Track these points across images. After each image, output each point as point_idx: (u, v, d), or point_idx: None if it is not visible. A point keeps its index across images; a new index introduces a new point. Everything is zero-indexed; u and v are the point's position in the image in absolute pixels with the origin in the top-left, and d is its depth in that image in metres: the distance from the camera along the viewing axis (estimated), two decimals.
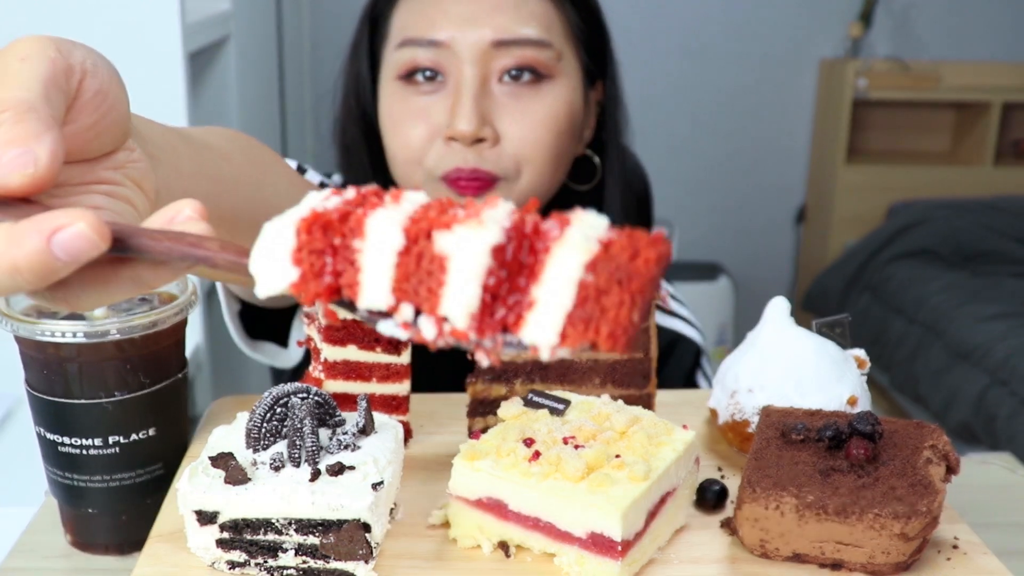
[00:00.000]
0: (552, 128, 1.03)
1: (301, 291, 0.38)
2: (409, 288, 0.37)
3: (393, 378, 0.78)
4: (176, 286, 0.75)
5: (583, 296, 0.36)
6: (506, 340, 0.38)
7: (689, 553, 0.67)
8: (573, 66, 1.07)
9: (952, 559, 0.65)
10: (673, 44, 3.55)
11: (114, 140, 0.50)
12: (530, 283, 0.36)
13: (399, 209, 0.38)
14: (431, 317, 0.37)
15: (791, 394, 0.76)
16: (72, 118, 0.47)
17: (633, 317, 0.35)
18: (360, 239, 0.37)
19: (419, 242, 0.37)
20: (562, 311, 0.36)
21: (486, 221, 0.36)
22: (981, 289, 3.06)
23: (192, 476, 0.64)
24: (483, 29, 1.00)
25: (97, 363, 0.69)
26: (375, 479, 0.63)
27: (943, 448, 0.68)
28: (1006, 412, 2.56)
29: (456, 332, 0.37)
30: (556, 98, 1.04)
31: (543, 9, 1.04)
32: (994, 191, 3.51)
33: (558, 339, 0.36)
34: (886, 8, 3.55)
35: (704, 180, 3.70)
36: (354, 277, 0.38)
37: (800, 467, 0.66)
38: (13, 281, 0.39)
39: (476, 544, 0.67)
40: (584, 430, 0.68)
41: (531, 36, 1.01)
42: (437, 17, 1.02)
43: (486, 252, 0.36)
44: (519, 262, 0.37)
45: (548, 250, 0.36)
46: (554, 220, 0.37)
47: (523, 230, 0.37)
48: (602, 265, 0.35)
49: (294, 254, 0.38)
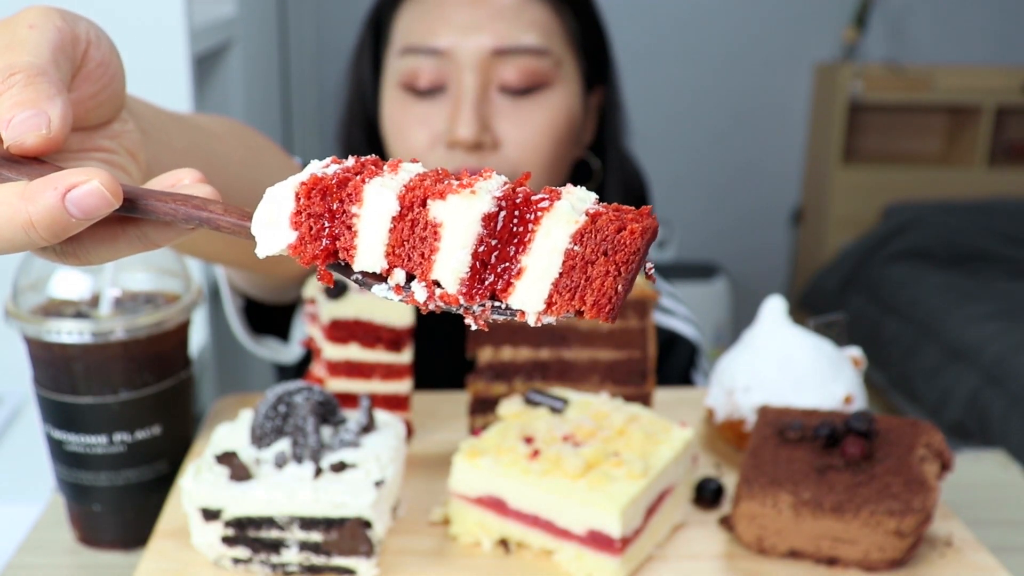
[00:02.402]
0: (551, 135, 1.04)
1: (299, 253, 0.40)
2: (403, 253, 0.39)
3: (395, 377, 0.79)
4: (181, 286, 0.75)
5: (569, 265, 0.37)
6: (494, 306, 0.39)
7: (687, 549, 0.67)
8: (572, 72, 1.07)
9: (946, 555, 0.66)
10: (669, 48, 3.56)
11: (112, 110, 0.52)
12: (519, 252, 0.38)
13: (396, 178, 0.40)
14: (423, 282, 0.39)
15: (787, 393, 0.77)
16: (76, 86, 0.48)
17: (618, 287, 0.37)
18: (357, 205, 0.39)
19: (414, 209, 0.38)
20: (549, 279, 0.38)
21: (479, 191, 0.38)
22: (974, 289, 3.07)
23: (197, 473, 0.65)
24: (483, 37, 1.01)
25: (103, 362, 0.69)
26: (377, 477, 0.64)
27: (937, 446, 0.69)
28: (999, 410, 2.57)
29: (446, 297, 0.39)
30: (555, 105, 1.04)
31: (543, 16, 1.04)
32: (987, 193, 3.53)
33: (544, 306, 0.38)
34: (880, 12, 3.56)
35: (701, 181, 3.71)
36: (350, 241, 0.40)
37: (796, 465, 0.67)
38: (28, 237, 0.41)
39: (476, 541, 0.67)
40: (583, 428, 0.68)
41: (531, 44, 1.02)
42: (437, 24, 1.03)
43: (477, 221, 0.38)
44: (509, 231, 0.38)
45: (537, 220, 0.38)
46: (545, 192, 0.39)
47: (514, 201, 0.38)
48: (589, 236, 0.37)
49: (293, 217, 0.40)
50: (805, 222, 3.76)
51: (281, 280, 1.00)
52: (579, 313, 0.38)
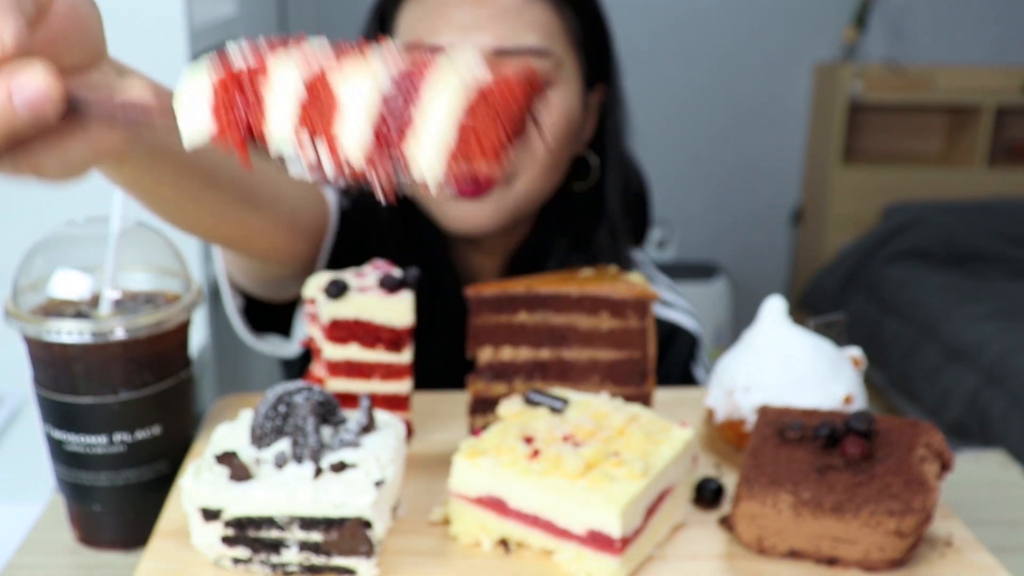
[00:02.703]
0: (549, 136, 1.04)
1: (222, 141, 0.44)
2: (310, 128, 0.43)
3: (394, 377, 0.79)
4: (181, 286, 0.75)
5: (464, 135, 0.41)
6: (399, 176, 0.43)
7: (687, 549, 0.67)
8: (573, 72, 1.07)
9: (946, 555, 0.66)
10: (669, 47, 3.56)
11: (85, 55, 0.52)
12: (416, 124, 0.41)
13: (301, 55, 0.44)
14: (332, 157, 0.43)
15: (787, 393, 0.77)
16: (41, 22, 0.48)
17: (505, 138, 0.41)
18: (266, 87, 0.43)
19: (317, 85, 0.42)
20: (445, 149, 0.42)
21: (375, 66, 0.42)
22: (974, 289, 3.08)
23: (197, 473, 0.65)
24: (484, 37, 1.01)
25: (103, 362, 0.69)
26: (377, 477, 0.64)
27: (937, 446, 0.69)
28: (999, 410, 2.57)
29: (353, 168, 0.43)
30: (555, 106, 1.04)
31: (545, 16, 1.04)
32: (987, 193, 3.53)
33: (442, 170, 0.43)
34: (880, 12, 3.56)
35: (701, 181, 3.71)
36: (262, 122, 0.43)
37: (796, 465, 0.67)
38: None
39: (476, 541, 0.67)
40: (583, 428, 0.68)
41: (532, 45, 1.02)
42: (439, 23, 1.03)
43: (375, 93, 0.41)
44: (407, 101, 0.42)
45: (431, 93, 0.41)
46: (431, 55, 0.42)
47: (408, 72, 0.42)
48: (480, 109, 0.41)
49: (213, 110, 0.44)
50: (805, 222, 3.77)
51: (274, 267, 1.00)
52: (474, 175, 0.42)
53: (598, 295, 0.80)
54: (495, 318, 0.80)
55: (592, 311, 0.80)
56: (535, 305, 0.80)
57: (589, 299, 0.80)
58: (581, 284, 0.80)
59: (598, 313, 0.80)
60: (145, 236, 0.75)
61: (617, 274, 0.85)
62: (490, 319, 0.80)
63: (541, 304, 0.80)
